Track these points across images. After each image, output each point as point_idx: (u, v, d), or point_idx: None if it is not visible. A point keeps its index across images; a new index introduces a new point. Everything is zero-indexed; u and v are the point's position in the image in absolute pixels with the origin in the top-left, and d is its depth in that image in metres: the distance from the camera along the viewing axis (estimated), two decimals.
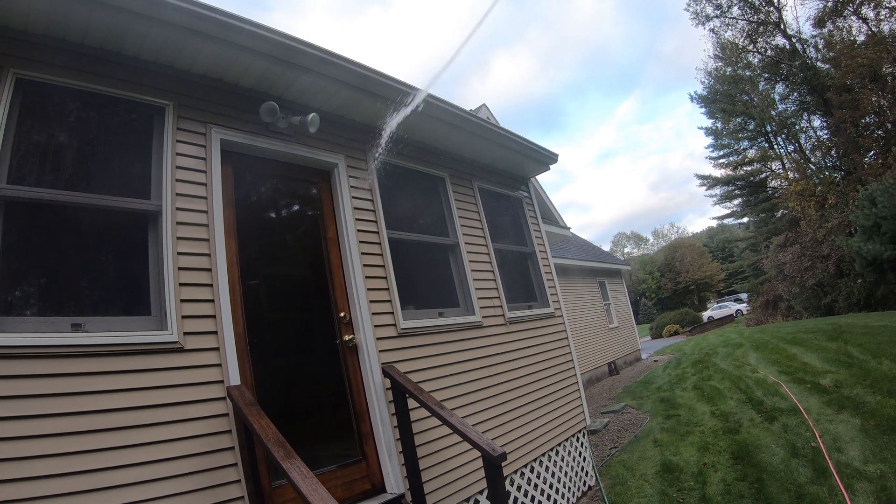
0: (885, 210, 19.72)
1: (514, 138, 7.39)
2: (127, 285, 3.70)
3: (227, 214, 4.24)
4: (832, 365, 10.68)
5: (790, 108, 38.49)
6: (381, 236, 5.44)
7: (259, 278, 4.65)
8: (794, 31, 36.36)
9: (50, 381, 2.98)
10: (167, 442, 3.32)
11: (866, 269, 21.59)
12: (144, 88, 3.98)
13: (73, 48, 3.67)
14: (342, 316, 4.88)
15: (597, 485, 7.55)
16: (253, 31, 4.12)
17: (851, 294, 26.14)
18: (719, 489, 6.30)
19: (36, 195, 3.31)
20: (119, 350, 3.29)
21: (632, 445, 9.15)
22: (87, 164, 3.67)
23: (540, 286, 8.11)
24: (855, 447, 6.32)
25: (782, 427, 7.75)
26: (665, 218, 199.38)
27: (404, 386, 4.51)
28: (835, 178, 34.56)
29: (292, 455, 3.00)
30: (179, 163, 4.03)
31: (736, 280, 72.27)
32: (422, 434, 4.88)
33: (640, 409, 12.11)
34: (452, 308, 6.15)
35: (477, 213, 7.13)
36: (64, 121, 3.67)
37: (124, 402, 3.22)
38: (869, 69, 29.21)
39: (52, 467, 2.84)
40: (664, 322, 47.89)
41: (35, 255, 3.34)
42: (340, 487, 4.30)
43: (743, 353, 15.52)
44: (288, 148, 4.88)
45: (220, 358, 3.78)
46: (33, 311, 3.21)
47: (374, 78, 5.16)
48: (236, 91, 4.64)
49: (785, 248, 34.72)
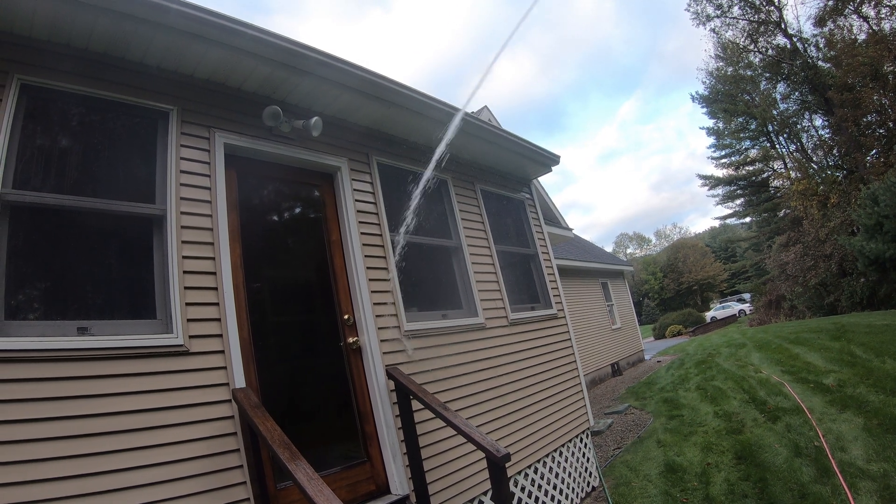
0: (888, 209, 19.70)
1: (515, 140, 7.40)
2: (132, 289, 3.72)
3: (231, 218, 4.26)
4: (835, 364, 10.69)
5: (791, 107, 38.54)
6: (384, 239, 5.46)
7: (263, 281, 4.67)
8: (794, 31, 36.43)
9: (57, 385, 3.00)
10: (174, 444, 3.34)
11: (869, 268, 21.57)
12: (148, 93, 4.01)
13: (77, 53, 3.69)
14: (346, 318, 4.90)
15: (600, 485, 7.56)
16: (256, 35, 4.15)
17: (854, 293, 26.12)
18: (723, 489, 6.30)
19: (41, 200, 3.33)
20: (125, 353, 3.31)
21: (635, 446, 9.16)
22: (91, 169, 3.69)
23: (542, 287, 8.12)
24: (858, 446, 6.33)
25: (785, 427, 7.75)
26: (667, 218, 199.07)
27: (408, 387, 4.53)
28: (837, 178, 34.55)
29: (297, 456, 3.01)
30: (184, 167, 4.05)
31: (739, 280, 72.09)
32: (426, 435, 4.89)
33: (644, 409, 12.12)
34: (456, 310, 6.17)
35: (479, 215, 7.14)
36: (68, 126, 3.69)
37: (131, 405, 3.24)
38: (870, 68, 29.21)
39: (63, 469, 2.87)
40: (667, 322, 47.87)
41: (41, 259, 3.36)
42: (345, 489, 4.31)
43: (746, 353, 15.53)
44: (291, 151, 4.90)
45: (226, 361, 3.79)
46: (39, 315, 3.23)
47: (376, 81, 5.18)
48: (239, 95, 4.66)
49: (787, 248, 34.68)
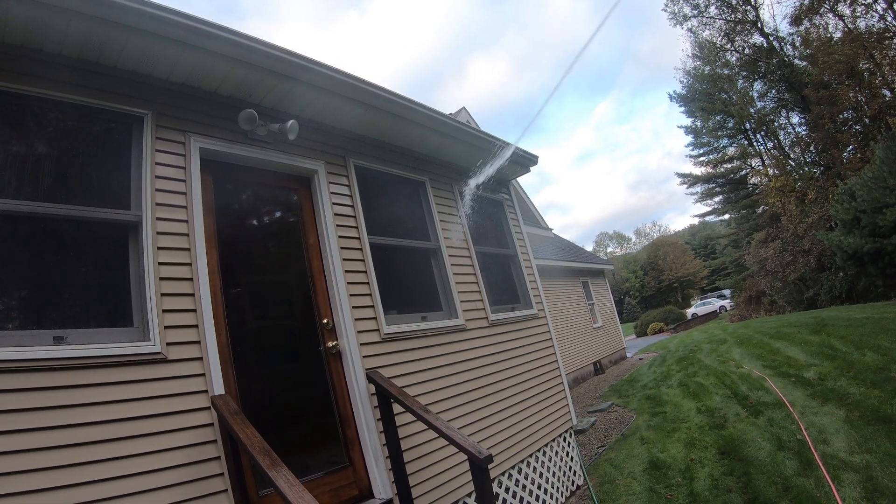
0: (865, 204, 19.90)
1: (493, 141, 7.39)
2: (109, 296, 3.67)
3: (207, 223, 4.22)
4: (816, 358, 10.80)
5: (768, 105, 38.90)
6: (362, 242, 5.44)
7: (241, 286, 4.63)
8: (771, 30, 36.76)
9: (32, 395, 2.95)
10: (153, 453, 3.30)
11: (847, 262, 21.77)
12: (123, 98, 3.96)
13: (49, 59, 3.64)
14: (325, 322, 4.87)
15: (585, 484, 7.58)
16: (231, 38, 4.12)
17: (833, 287, 26.43)
18: (707, 484, 6.34)
19: (14, 207, 3.28)
20: (102, 362, 3.26)
21: (619, 444, 9.19)
22: (65, 175, 3.65)
23: (523, 287, 8.13)
24: (840, 438, 6.39)
25: (768, 421, 7.82)
26: (645, 218, 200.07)
27: (388, 391, 4.51)
28: (814, 174, 34.94)
29: (278, 463, 2.99)
30: (159, 172, 4.00)
31: (719, 276, 72.72)
32: (408, 438, 4.88)
33: (627, 407, 12.17)
34: (435, 312, 6.16)
35: (458, 216, 7.14)
36: (42, 132, 3.64)
37: (108, 415, 3.20)
38: (846, 65, 29.56)
39: (36, 482, 2.81)
40: (648, 320, 48.09)
41: (15, 268, 3.30)
42: (328, 494, 4.29)
43: (727, 349, 15.66)
44: (267, 155, 4.87)
45: (204, 367, 3.75)
46: (15, 325, 3.17)
47: (353, 84, 5.17)
48: (215, 99, 4.62)
49: (766, 244, 35.03)
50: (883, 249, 19.22)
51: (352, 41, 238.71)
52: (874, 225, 19.46)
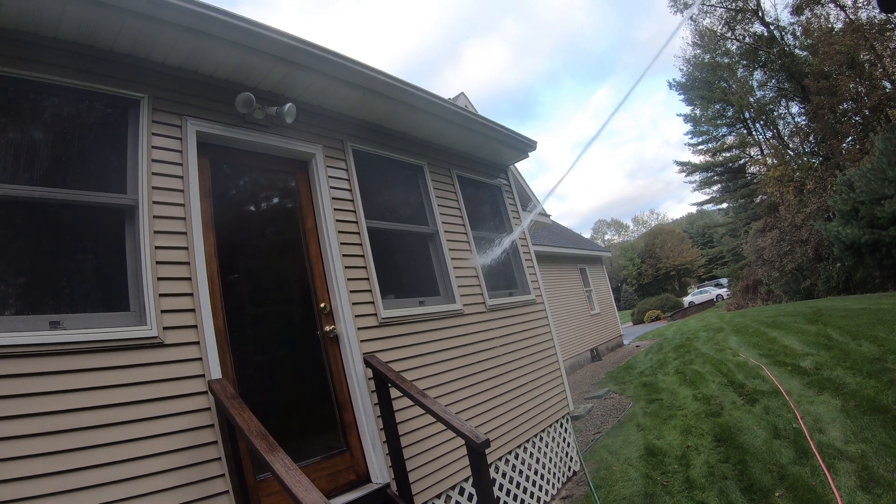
0: (863, 195, 19.93)
1: (492, 126, 7.37)
2: (105, 281, 3.65)
3: (204, 207, 4.20)
4: (812, 347, 10.82)
5: (768, 94, 38.79)
6: (360, 226, 5.42)
7: (238, 271, 4.61)
8: (772, 19, 36.65)
9: (29, 381, 2.94)
10: (150, 438, 3.29)
11: (844, 252, 21.82)
12: (119, 81, 3.92)
13: (46, 42, 3.59)
14: (322, 307, 4.86)
15: (581, 470, 7.61)
16: (227, 21, 4.07)
17: (830, 277, 26.49)
18: (703, 471, 6.35)
19: (10, 192, 3.25)
20: (98, 347, 3.25)
21: (615, 430, 9.23)
22: (61, 159, 3.61)
23: (520, 273, 8.13)
24: (836, 428, 6.40)
25: (764, 409, 7.83)
26: (643, 206, 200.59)
27: (386, 375, 4.51)
28: (813, 164, 34.93)
29: (275, 447, 2.99)
30: (155, 156, 3.97)
31: (716, 265, 72.77)
32: (405, 423, 4.89)
33: (623, 394, 12.21)
34: (433, 296, 6.15)
35: (456, 201, 7.12)
36: (37, 116, 3.60)
37: (105, 400, 3.19)
38: (846, 56, 29.51)
39: (33, 468, 2.80)
40: (645, 308, 48.26)
41: (11, 253, 3.28)
42: (325, 478, 4.29)
43: (724, 337, 15.69)
44: (265, 139, 4.84)
45: (201, 352, 3.75)
46: (11, 310, 3.15)
47: (351, 67, 5.13)
48: (212, 82, 4.58)
49: (764, 233, 35.08)
50: (880, 241, 19.28)
51: (347, 28, 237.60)
52: (872, 216, 19.50)
